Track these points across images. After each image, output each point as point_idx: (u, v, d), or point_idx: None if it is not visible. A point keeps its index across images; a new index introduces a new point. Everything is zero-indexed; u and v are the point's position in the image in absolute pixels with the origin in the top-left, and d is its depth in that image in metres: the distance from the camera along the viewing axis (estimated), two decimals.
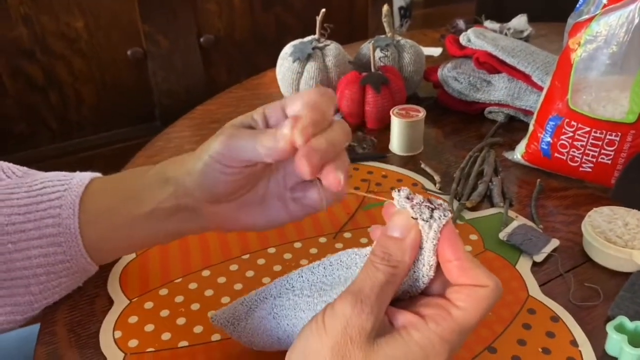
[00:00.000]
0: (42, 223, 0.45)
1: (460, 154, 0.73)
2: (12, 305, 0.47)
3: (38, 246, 0.45)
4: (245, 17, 1.62)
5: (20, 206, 0.46)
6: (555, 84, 0.64)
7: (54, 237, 0.45)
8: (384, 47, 0.83)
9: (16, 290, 0.46)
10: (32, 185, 0.47)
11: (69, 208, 0.45)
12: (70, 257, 0.46)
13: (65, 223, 0.45)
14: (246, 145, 0.39)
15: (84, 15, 1.40)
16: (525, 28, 1.01)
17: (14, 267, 0.45)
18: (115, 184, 0.48)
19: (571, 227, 0.60)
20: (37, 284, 0.46)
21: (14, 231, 0.45)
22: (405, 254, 0.32)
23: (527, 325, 0.48)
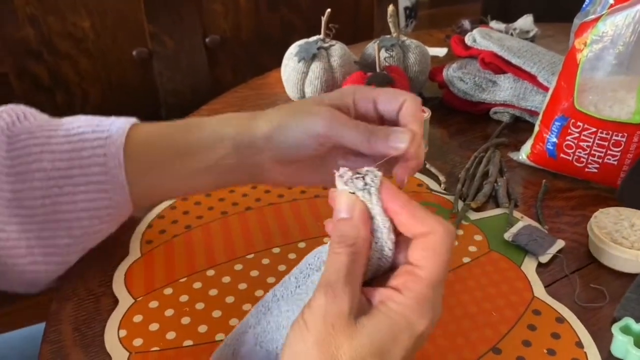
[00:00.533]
0: (89, 170, 0.47)
1: (466, 155, 0.73)
2: (52, 246, 0.48)
3: (84, 191, 0.47)
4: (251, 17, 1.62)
5: (62, 152, 0.47)
6: (561, 84, 0.64)
7: (101, 184, 0.47)
8: (389, 47, 0.83)
9: (58, 232, 0.48)
10: (70, 131, 0.48)
11: (114, 158, 0.47)
12: (115, 203, 0.48)
13: (113, 172, 0.47)
14: (349, 135, 0.42)
15: (90, 16, 1.40)
16: (531, 28, 1.01)
17: (59, 209, 0.47)
18: (163, 137, 0.49)
19: (577, 228, 0.60)
20: (79, 227, 0.48)
21: (59, 176, 0.46)
22: (358, 229, 0.33)
23: (532, 326, 0.48)
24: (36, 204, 0.47)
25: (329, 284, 0.32)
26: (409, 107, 0.43)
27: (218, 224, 0.60)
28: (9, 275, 0.49)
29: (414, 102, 0.43)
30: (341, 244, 0.33)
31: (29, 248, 0.48)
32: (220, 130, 0.47)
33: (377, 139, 0.41)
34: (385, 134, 0.41)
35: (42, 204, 0.47)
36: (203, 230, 0.59)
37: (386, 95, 0.44)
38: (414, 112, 0.43)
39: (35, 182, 0.46)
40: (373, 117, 0.45)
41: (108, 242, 0.57)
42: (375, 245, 0.33)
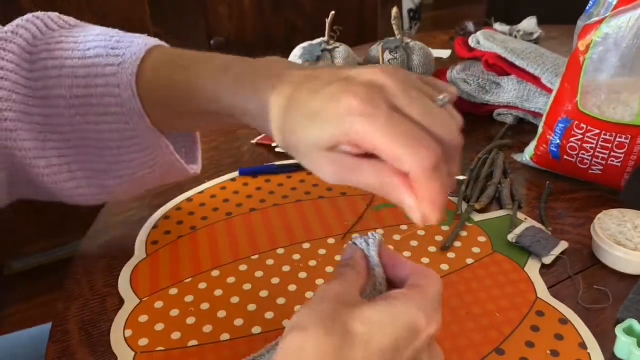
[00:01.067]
0: (105, 101, 0.44)
1: (469, 156, 0.73)
2: (91, 170, 0.47)
3: (106, 122, 0.45)
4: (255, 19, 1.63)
5: (78, 77, 0.44)
6: (564, 86, 0.64)
7: (120, 115, 0.44)
8: (393, 49, 0.83)
9: (92, 157, 0.46)
10: (86, 52, 0.45)
11: (127, 89, 0.44)
12: (139, 133, 0.45)
13: (128, 105, 0.44)
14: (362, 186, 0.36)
15: (95, 17, 1.41)
16: (535, 30, 1.01)
17: (88, 136, 0.45)
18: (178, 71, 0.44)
19: (580, 229, 0.60)
20: (111, 155, 0.46)
21: (79, 104, 0.44)
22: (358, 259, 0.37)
23: (536, 328, 0.48)
24: (66, 130, 0.45)
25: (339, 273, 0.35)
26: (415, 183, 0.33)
27: (223, 225, 0.60)
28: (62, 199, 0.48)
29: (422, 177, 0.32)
30: (346, 266, 0.37)
31: (71, 172, 0.47)
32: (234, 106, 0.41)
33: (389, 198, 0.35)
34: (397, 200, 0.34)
35: (72, 130, 0.45)
36: (208, 231, 0.59)
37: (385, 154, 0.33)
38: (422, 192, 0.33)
39: (60, 109, 0.45)
40: None
41: (113, 242, 0.58)
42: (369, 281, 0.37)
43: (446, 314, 0.49)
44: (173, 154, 0.49)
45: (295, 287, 0.52)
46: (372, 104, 0.32)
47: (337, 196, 0.65)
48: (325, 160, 0.35)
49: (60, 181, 0.46)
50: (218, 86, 0.41)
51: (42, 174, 0.45)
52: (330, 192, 0.66)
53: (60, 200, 0.49)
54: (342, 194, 0.65)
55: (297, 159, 0.38)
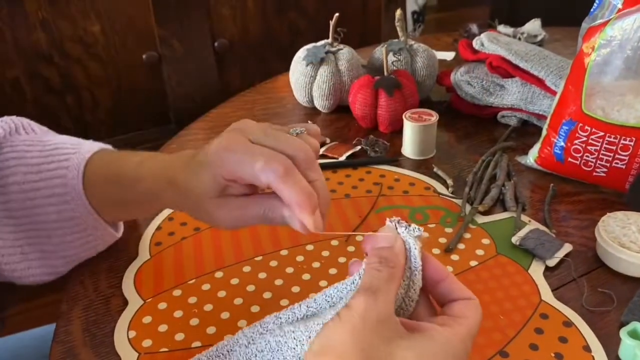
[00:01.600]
0: (52, 183, 0.49)
1: (473, 158, 0.73)
2: (41, 252, 0.51)
3: (50, 204, 0.49)
4: (259, 21, 1.63)
5: (33, 165, 0.50)
6: (568, 89, 0.64)
7: (62, 196, 0.49)
8: (396, 51, 0.83)
9: (41, 239, 0.51)
10: (46, 146, 0.51)
11: (75, 170, 0.49)
12: (79, 214, 0.50)
13: (71, 184, 0.49)
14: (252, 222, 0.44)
15: (101, 20, 1.42)
16: (538, 32, 1.01)
17: (36, 220, 0.50)
18: (116, 166, 0.50)
19: (584, 232, 0.60)
20: (56, 236, 0.51)
21: (30, 189, 0.49)
22: (398, 256, 0.36)
23: (540, 330, 0.48)
24: (18, 215, 0.50)
25: (370, 290, 0.33)
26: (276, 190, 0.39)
27: None
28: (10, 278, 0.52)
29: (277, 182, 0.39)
30: (383, 264, 0.35)
31: (24, 254, 0.50)
32: (153, 200, 0.49)
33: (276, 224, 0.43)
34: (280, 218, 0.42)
35: (23, 215, 0.50)
36: (212, 233, 0.60)
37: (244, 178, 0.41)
38: (285, 196, 0.39)
39: (13, 195, 0.49)
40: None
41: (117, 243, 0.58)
42: (402, 282, 0.36)
43: None
44: (108, 230, 0.54)
45: (299, 289, 0.52)
46: (234, 141, 0.41)
47: (341, 198, 0.65)
48: (219, 208, 0.43)
49: (14, 262, 0.50)
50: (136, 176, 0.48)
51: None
52: (334, 193, 0.66)
53: (9, 281, 0.53)
54: (345, 195, 0.65)
55: (201, 218, 0.46)
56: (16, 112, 0.55)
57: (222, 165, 0.41)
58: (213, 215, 0.44)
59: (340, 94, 0.84)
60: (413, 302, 0.36)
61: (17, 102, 1.40)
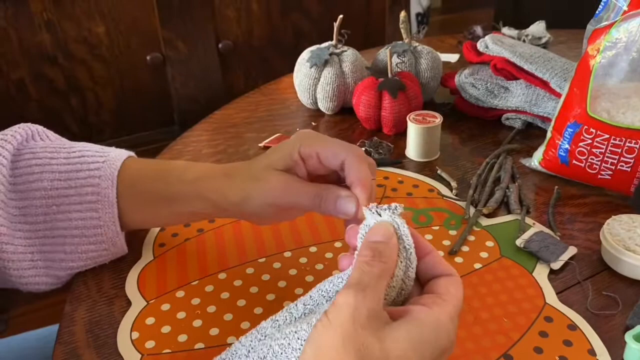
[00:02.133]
0: (83, 190, 0.51)
1: (477, 160, 0.73)
2: (50, 260, 0.52)
3: (78, 210, 0.51)
4: (263, 23, 1.63)
5: (61, 172, 0.51)
6: (573, 91, 0.63)
7: (93, 203, 0.51)
8: (401, 53, 0.83)
9: (55, 247, 0.52)
10: (71, 153, 0.52)
11: (108, 179, 0.51)
12: (103, 222, 0.51)
13: (104, 192, 0.51)
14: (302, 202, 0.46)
15: (105, 21, 1.42)
16: (543, 34, 1.01)
17: (55, 226, 0.51)
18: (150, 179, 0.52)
19: (589, 234, 0.59)
20: (70, 244, 0.51)
21: (57, 195, 0.50)
22: (393, 252, 0.36)
23: (544, 333, 0.48)
24: (38, 220, 0.51)
25: (359, 286, 0.33)
26: (350, 167, 0.44)
27: (230, 227, 0.60)
28: (14, 285, 0.52)
29: (355, 161, 0.44)
30: (375, 258, 0.35)
31: (33, 261, 0.51)
32: (200, 191, 0.50)
33: (326, 205, 0.45)
34: (333, 198, 0.45)
35: (43, 220, 0.51)
36: (215, 234, 0.60)
37: (326, 153, 0.45)
38: (357, 174, 0.44)
39: (35, 200, 0.50)
40: (323, 170, 0.47)
41: None
42: (400, 264, 0.36)
43: None
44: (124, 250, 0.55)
45: (302, 290, 0.52)
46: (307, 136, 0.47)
47: None
48: (277, 177, 0.46)
49: (22, 268, 0.51)
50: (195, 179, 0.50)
51: (8, 259, 0.50)
52: None
53: (13, 287, 0.53)
54: None
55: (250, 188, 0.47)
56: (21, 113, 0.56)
57: (307, 139, 0.46)
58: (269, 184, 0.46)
59: (344, 96, 0.84)
60: (412, 282, 0.36)
61: (22, 102, 1.40)
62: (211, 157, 0.76)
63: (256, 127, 0.84)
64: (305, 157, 0.46)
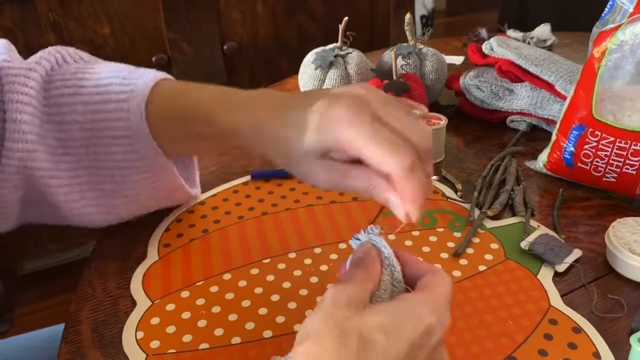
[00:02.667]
0: (114, 124, 0.48)
1: (482, 163, 0.73)
2: (100, 190, 0.51)
3: (117, 144, 0.49)
4: (268, 24, 1.63)
5: (92, 104, 0.48)
6: (579, 93, 0.63)
7: (127, 138, 0.48)
8: (405, 55, 0.83)
9: (103, 178, 0.50)
10: (100, 81, 0.49)
11: (136, 113, 0.48)
12: (145, 155, 0.49)
13: (136, 128, 0.48)
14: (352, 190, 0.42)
15: (111, 22, 1.43)
16: (548, 37, 1.00)
17: (99, 158, 0.49)
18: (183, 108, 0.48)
19: (594, 237, 0.59)
20: (120, 175, 0.50)
21: (92, 128, 0.48)
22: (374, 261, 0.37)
23: (549, 336, 0.48)
24: (80, 152, 0.49)
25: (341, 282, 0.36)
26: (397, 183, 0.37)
27: (234, 228, 0.61)
28: (70, 219, 0.52)
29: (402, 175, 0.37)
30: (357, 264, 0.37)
31: (81, 192, 0.50)
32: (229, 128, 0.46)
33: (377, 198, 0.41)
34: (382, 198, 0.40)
35: (85, 152, 0.49)
36: (220, 235, 0.60)
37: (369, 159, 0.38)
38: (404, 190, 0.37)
39: (73, 133, 0.48)
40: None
41: (126, 244, 0.58)
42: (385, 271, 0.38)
43: (458, 321, 0.48)
44: (176, 176, 0.53)
45: (307, 292, 0.52)
46: (358, 113, 0.38)
47: (348, 201, 0.65)
48: (319, 168, 0.41)
49: (71, 200, 0.50)
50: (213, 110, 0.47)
51: (55, 193, 0.49)
52: (342, 196, 0.66)
53: (69, 223, 0.53)
54: (353, 199, 0.65)
55: (293, 171, 0.43)
56: None
57: (338, 137, 0.38)
58: (309, 174, 0.42)
59: None
60: (401, 282, 0.38)
61: None
62: (215, 158, 0.76)
63: None
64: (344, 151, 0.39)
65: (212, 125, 0.46)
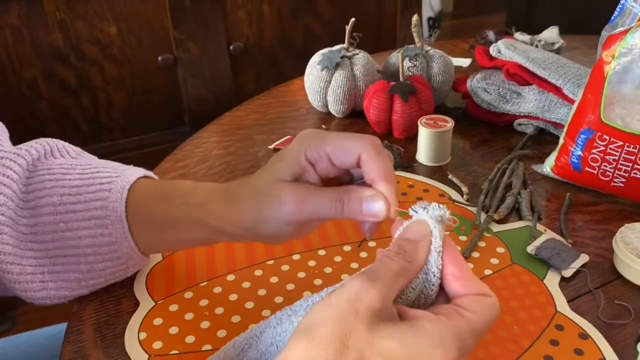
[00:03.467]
0: (91, 205, 0.48)
1: (488, 166, 0.72)
2: (63, 280, 0.49)
3: (87, 227, 0.48)
4: (274, 25, 1.63)
5: (72, 187, 0.48)
6: (587, 97, 0.63)
7: (101, 219, 0.47)
8: (412, 56, 0.83)
9: (68, 267, 0.49)
10: (86, 168, 0.50)
11: (118, 193, 0.48)
12: (115, 239, 0.48)
13: (112, 206, 0.47)
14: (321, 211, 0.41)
15: (117, 22, 1.43)
16: (556, 40, 1.00)
17: (66, 245, 0.48)
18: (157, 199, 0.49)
19: (601, 242, 0.59)
20: (85, 263, 0.49)
21: (65, 211, 0.47)
22: (419, 253, 0.34)
23: (555, 342, 0.47)
24: (47, 239, 0.48)
25: (370, 276, 0.31)
26: (367, 161, 0.40)
27: None
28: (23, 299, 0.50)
29: (372, 153, 0.40)
30: (399, 254, 0.33)
31: (43, 282, 0.49)
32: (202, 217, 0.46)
33: (351, 209, 0.40)
34: (358, 200, 0.40)
35: (52, 239, 0.48)
36: None
37: (337, 151, 0.41)
38: (378, 168, 0.39)
39: (44, 217, 0.48)
40: (335, 172, 0.42)
41: None
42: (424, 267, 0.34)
43: None
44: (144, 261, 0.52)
45: (311, 294, 0.52)
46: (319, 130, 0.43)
47: None
48: (288, 190, 0.41)
49: (30, 290, 0.48)
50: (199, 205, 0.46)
51: (14, 280, 0.48)
52: None
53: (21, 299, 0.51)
54: None
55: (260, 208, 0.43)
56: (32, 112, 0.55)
57: (313, 141, 0.42)
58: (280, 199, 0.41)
59: (355, 99, 0.84)
60: (435, 287, 0.34)
61: (33, 101, 1.41)
62: (221, 158, 0.76)
63: (266, 129, 0.84)
64: (314, 161, 0.42)
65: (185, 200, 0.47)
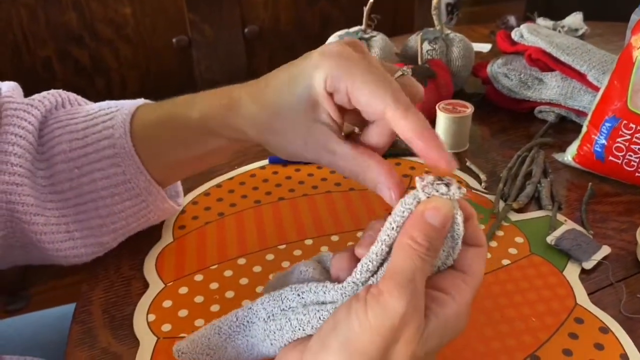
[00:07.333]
0: (99, 145, 0.47)
1: (508, 153, 0.70)
2: (88, 229, 0.49)
3: (100, 168, 0.47)
4: (290, 9, 1.61)
5: (79, 131, 0.48)
6: (613, 84, 0.61)
7: (112, 158, 0.47)
8: (432, 40, 0.80)
9: (89, 213, 0.48)
10: (90, 111, 0.49)
11: (120, 127, 0.47)
12: (130, 176, 0.47)
13: (119, 143, 0.47)
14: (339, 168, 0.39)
15: (132, 2, 1.42)
16: (580, 26, 0.97)
17: (82, 191, 0.47)
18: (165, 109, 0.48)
19: (624, 234, 0.57)
20: (103, 206, 0.48)
21: (76, 156, 0.47)
22: (442, 243, 0.33)
23: (574, 335, 0.46)
24: (65, 188, 0.47)
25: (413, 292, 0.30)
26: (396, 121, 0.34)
27: (251, 212, 0.59)
28: (56, 260, 0.50)
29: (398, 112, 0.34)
30: (430, 251, 0.31)
31: (68, 232, 0.48)
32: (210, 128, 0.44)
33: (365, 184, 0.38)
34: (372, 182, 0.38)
35: (70, 187, 0.47)
36: (236, 218, 0.58)
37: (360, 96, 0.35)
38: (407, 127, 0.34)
39: (58, 166, 0.47)
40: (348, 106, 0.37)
41: None
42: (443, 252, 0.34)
43: (479, 316, 0.47)
44: (163, 197, 0.51)
45: None
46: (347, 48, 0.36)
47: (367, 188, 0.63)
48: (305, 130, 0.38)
49: (57, 241, 0.48)
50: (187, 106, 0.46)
51: (40, 232, 0.47)
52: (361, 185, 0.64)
53: (54, 263, 0.51)
54: None
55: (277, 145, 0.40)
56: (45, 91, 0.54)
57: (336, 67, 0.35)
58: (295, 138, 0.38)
59: None
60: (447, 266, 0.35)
61: (47, 81, 1.41)
62: None
63: None
64: (333, 91, 0.36)
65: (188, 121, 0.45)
